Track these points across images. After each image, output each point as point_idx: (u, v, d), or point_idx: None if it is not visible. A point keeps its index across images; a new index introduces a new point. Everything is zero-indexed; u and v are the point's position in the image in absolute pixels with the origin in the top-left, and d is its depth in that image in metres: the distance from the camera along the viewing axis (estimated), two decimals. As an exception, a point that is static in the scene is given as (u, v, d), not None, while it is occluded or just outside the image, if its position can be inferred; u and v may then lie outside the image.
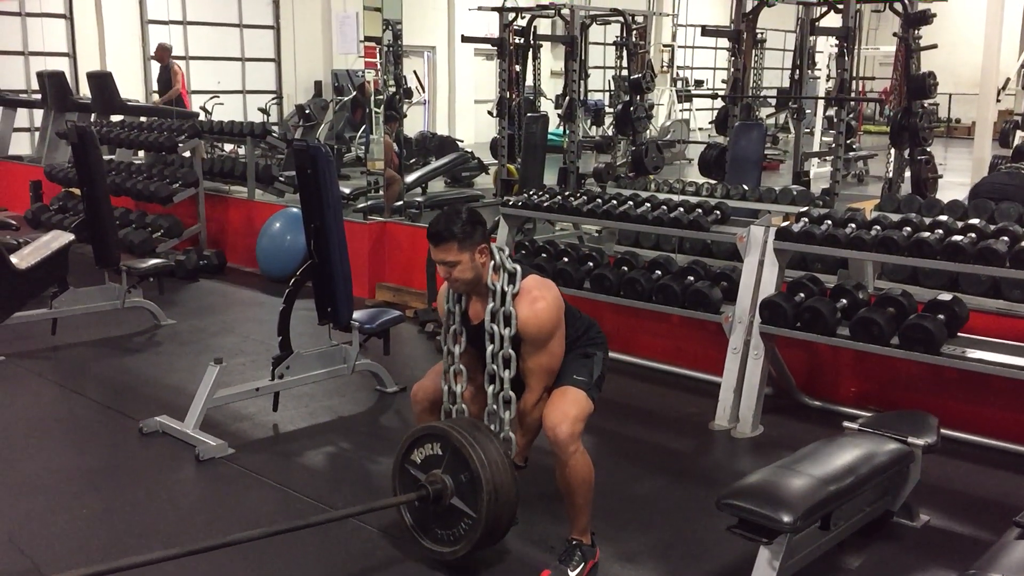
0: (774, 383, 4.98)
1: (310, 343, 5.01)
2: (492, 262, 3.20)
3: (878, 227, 4.41)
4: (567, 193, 5.73)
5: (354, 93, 13.91)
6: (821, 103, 14.66)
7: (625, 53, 11.46)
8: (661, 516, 3.80)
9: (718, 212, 4.99)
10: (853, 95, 11.93)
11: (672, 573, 3.28)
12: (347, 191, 9.08)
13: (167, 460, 4.21)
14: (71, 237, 5.67)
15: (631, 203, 5.29)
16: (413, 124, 14.74)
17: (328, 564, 3.37)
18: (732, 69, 10.39)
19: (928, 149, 9.28)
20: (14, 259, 5.29)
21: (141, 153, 9.70)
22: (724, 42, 11.27)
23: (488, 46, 12.68)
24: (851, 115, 13.58)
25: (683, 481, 4.11)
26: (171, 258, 7.33)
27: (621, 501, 3.88)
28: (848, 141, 13.27)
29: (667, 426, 4.78)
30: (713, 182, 6.96)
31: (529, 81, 11.32)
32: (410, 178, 9.85)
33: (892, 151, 9.40)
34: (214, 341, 5.98)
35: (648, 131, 12.86)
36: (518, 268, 3.22)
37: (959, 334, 4.29)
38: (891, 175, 9.55)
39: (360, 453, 4.43)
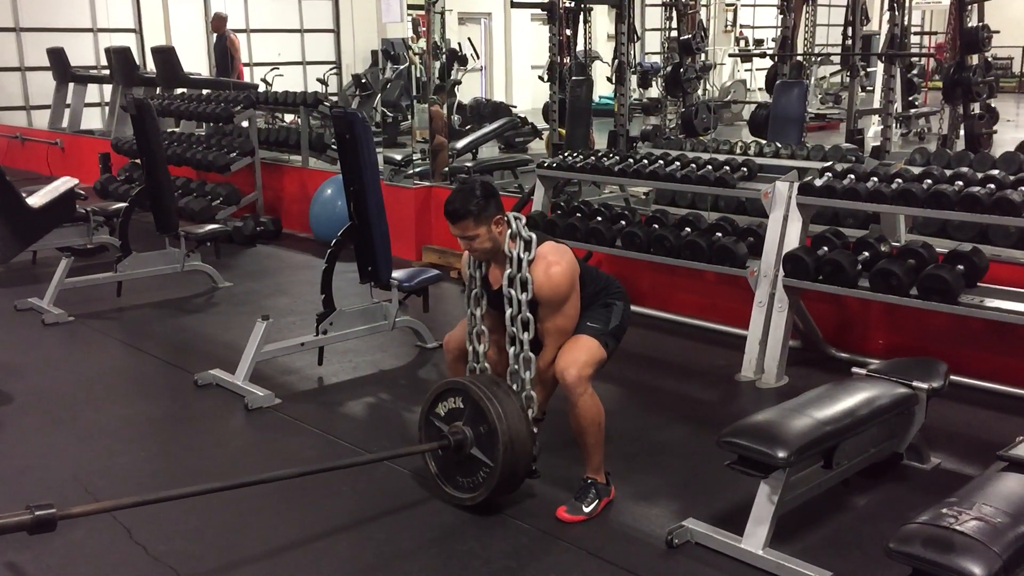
0: (802, 336, 5.10)
1: (354, 302, 5.27)
2: (509, 231, 3.37)
3: (899, 180, 4.47)
4: (600, 154, 5.87)
5: (409, 62, 14.11)
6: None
7: (675, 14, 11.44)
8: (679, 460, 3.97)
9: (745, 169, 5.09)
10: (908, 51, 11.73)
11: (682, 510, 3.45)
12: (398, 158, 9.32)
13: (219, 409, 4.51)
14: (75, 181, 6.22)
15: (661, 162, 5.41)
16: (470, 90, 14.92)
17: (362, 502, 3.63)
18: (781, 27, 10.34)
19: (992, 103, 9.11)
20: (30, 200, 5.73)
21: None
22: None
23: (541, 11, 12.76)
24: (914, 71, 13.37)
25: (704, 428, 4.26)
26: (229, 225, 7.67)
27: (643, 446, 4.07)
28: (910, 98, 13.10)
29: (695, 378, 4.94)
30: (762, 141, 7.01)
31: (580, 45, 11.38)
32: (460, 144, 10.03)
33: (946, 107, 9.28)
34: (267, 302, 6.30)
35: (706, 92, 12.81)
36: (533, 236, 3.38)
37: (980, 284, 4.35)
38: (945, 131, 9.44)
39: (399, 404, 4.68)
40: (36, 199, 5.82)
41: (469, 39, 13.63)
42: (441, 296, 6.13)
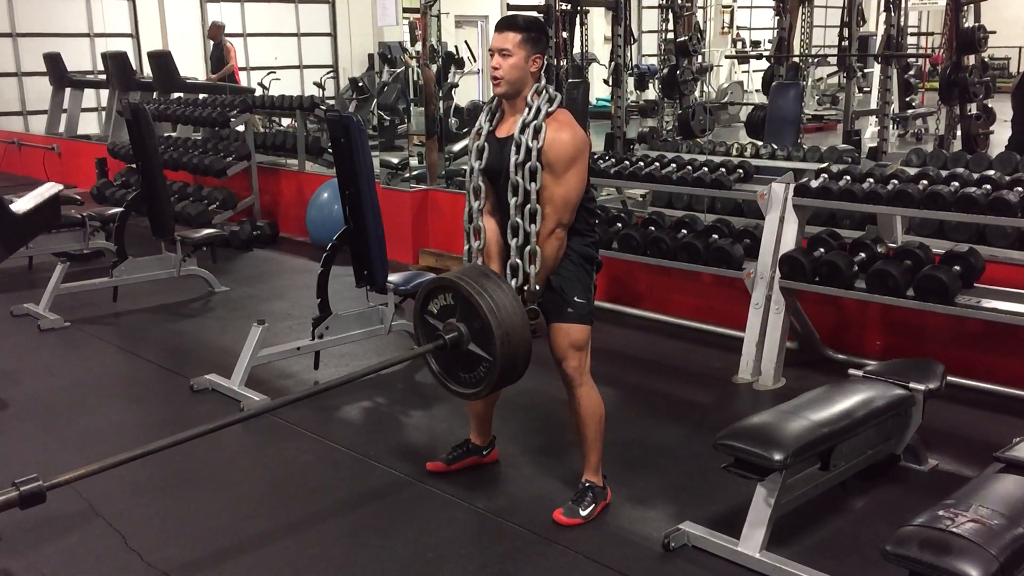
0: (799, 338, 5.09)
1: (351, 306, 5.25)
2: (536, 84, 3.29)
3: (896, 181, 4.47)
4: (596, 156, 5.87)
5: (405, 66, 14.10)
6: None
7: (671, 16, 11.43)
8: (676, 463, 3.96)
9: (741, 171, 5.09)
10: (905, 52, 11.73)
11: (679, 513, 3.44)
12: (395, 161, 9.33)
13: (215, 414, 4.48)
14: (60, 187, 6.16)
15: (657, 164, 5.41)
16: (467, 94, 14.89)
17: (358, 506, 3.62)
18: (778, 28, 10.34)
19: (988, 104, 9.10)
20: (13, 207, 5.73)
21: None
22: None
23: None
24: (910, 72, 13.39)
25: (701, 431, 4.24)
26: (226, 229, 7.66)
27: (640, 449, 4.05)
28: (907, 99, 13.11)
29: (691, 380, 4.94)
30: (759, 143, 7.01)
31: (577, 48, 11.38)
32: (456, 147, 10.02)
33: (942, 107, 9.28)
34: (264, 306, 6.29)
35: (703, 94, 12.79)
36: (559, 95, 3.33)
37: (976, 285, 4.34)
38: (941, 132, 9.43)
39: (395, 408, 4.67)
40: (20, 205, 5.81)
41: (466, 42, 13.62)
42: (438, 299, 6.11)
